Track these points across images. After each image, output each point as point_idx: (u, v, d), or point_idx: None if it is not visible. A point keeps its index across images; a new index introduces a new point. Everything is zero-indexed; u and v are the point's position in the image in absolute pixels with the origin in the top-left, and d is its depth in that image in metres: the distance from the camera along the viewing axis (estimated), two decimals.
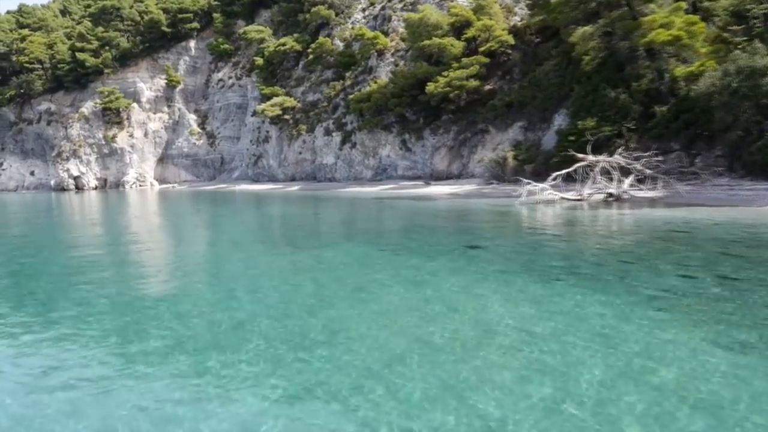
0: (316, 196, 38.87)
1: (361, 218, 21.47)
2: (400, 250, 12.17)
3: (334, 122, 50.57)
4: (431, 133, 42.15)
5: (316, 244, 14.24)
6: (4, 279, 10.80)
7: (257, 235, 17.74)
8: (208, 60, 78.25)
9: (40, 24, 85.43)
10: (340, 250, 12.59)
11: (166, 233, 19.30)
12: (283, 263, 11.50)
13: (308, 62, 60.12)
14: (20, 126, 79.91)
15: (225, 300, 8.42)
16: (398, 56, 47.81)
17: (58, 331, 7.07)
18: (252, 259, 11.91)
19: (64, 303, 8.55)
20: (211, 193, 55.88)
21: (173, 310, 7.80)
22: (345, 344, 6.17)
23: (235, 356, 5.85)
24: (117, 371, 5.65)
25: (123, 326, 7.11)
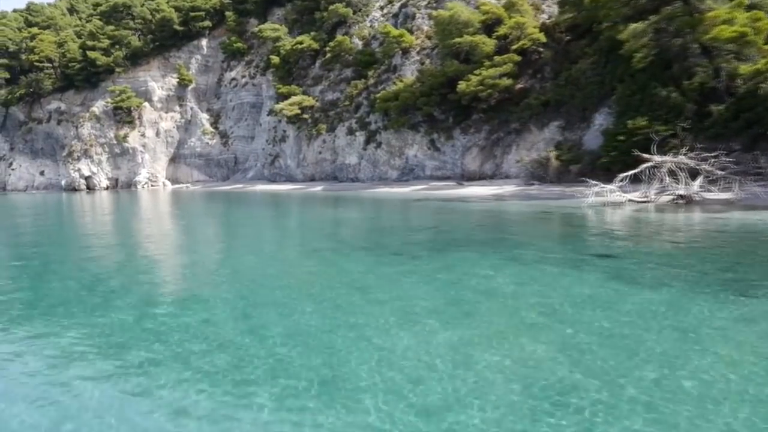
0: (348, 197, 37.54)
1: (429, 222, 20.06)
2: (531, 262, 10.95)
3: (357, 121, 49.30)
4: (461, 133, 40.97)
5: (424, 251, 12.96)
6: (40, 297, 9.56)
7: (350, 242, 15.53)
8: (220, 59, 76.73)
9: (48, 22, 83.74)
10: (470, 261, 11.33)
11: (225, 244, 17.67)
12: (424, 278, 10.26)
13: (326, 61, 58.80)
14: (30, 125, 78.21)
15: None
16: (424, 54, 46.58)
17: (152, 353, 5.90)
18: (389, 277, 10.55)
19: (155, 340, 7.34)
20: (229, 193, 54.46)
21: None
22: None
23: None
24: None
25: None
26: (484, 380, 5.19)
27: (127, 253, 13.90)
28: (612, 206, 21.38)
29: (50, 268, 12.61)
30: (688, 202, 20.86)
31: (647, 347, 5.84)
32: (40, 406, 5.21)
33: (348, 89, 52.30)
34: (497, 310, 7.54)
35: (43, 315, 8.44)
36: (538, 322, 6.87)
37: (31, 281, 11.18)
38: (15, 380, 5.83)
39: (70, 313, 8.40)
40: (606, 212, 20.13)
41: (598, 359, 5.58)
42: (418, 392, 5.02)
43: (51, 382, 5.78)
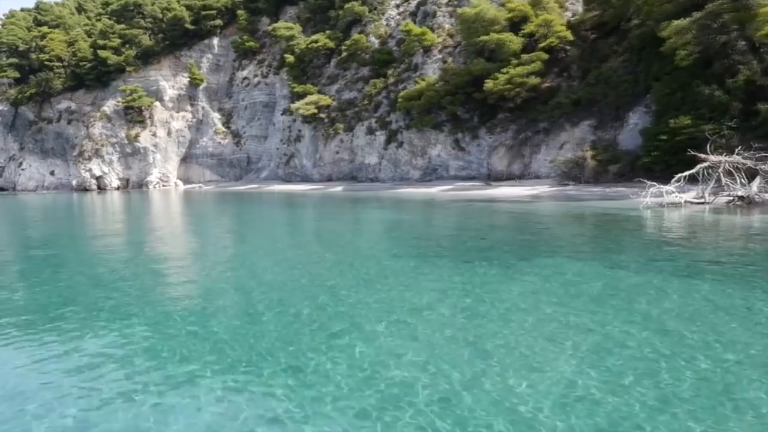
0: (374, 197, 36.64)
1: (484, 224, 19.12)
2: (642, 270, 10.09)
3: (377, 121, 48.45)
4: (487, 132, 40.13)
5: (511, 257, 12.09)
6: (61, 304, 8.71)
7: (421, 247, 13.88)
8: (232, 58, 75.81)
9: (57, 21, 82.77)
10: (562, 268, 10.47)
11: (280, 255, 16.10)
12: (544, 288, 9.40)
13: (341, 60, 57.95)
14: (40, 125, 77.21)
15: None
16: (446, 53, 45.71)
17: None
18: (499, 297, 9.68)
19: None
20: (245, 193, 53.53)
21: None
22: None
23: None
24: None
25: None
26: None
27: (153, 268, 12.89)
28: (670, 208, 20.53)
29: (77, 272, 11.79)
30: (749, 204, 20.04)
31: None
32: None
33: (366, 88, 51.43)
34: (660, 328, 6.69)
35: (87, 320, 7.90)
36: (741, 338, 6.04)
37: (61, 286, 10.54)
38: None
39: (98, 319, 7.92)
40: (669, 214, 19.28)
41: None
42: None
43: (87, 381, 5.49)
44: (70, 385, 5.62)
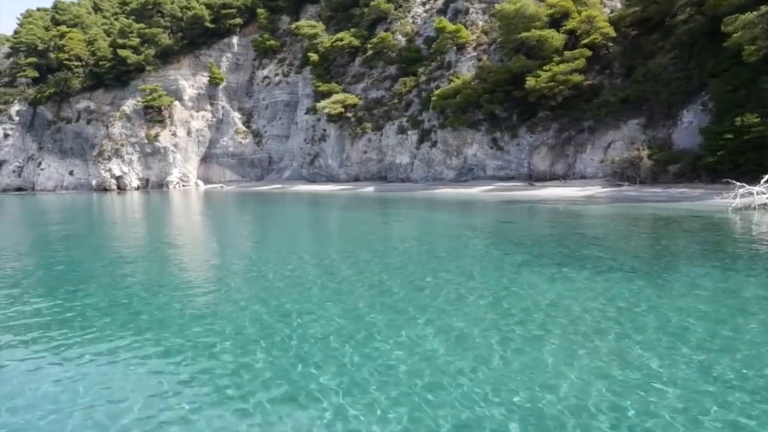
0: (412, 198, 35.48)
1: (558, 228, 18.07)
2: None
3: (408, 120, 47.28)
4: (528, 131, 38.92)
5: (627, 265, 10.96)
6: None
7: (522, 253, 12.74)
8: (251, 57, 74.80)
9: (75, 21, 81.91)
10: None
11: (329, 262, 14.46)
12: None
13: (367, 58, 56.78)
14: (59, 125, 76.37)
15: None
16: (481, 50, 44.48)
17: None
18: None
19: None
20: (269, 194, 52.42)
21: None
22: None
23: None
24: None
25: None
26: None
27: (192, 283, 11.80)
28: (761, 210, 19.33)
29: (112, 280, 10.73)
30: None
31: None
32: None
33: (396, 87, 50.26)
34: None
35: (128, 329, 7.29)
36: None
37: (100, 292, 9.87)
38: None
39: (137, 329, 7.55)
40: (764, 217, 18.08)
41: None
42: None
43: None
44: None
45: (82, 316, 8.52)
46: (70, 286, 10.99)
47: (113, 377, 6.11)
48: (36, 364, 6.64)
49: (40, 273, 12.81)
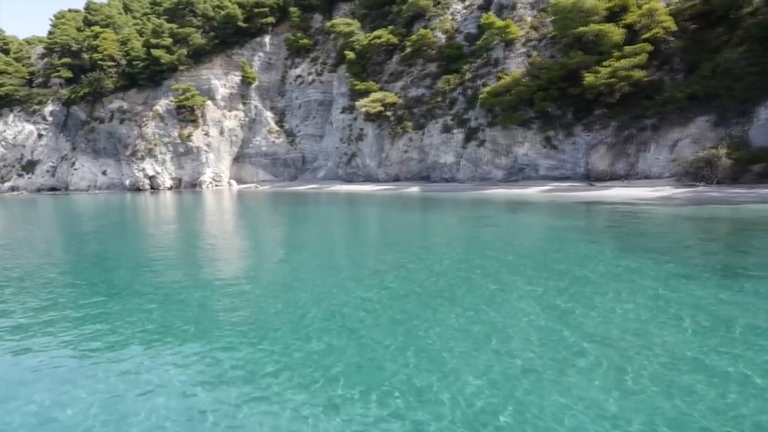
0: (469, 199, 34.21)
1: (688, 233, 16.62)
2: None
3: (453, 118, 46.01)
4: (584, 130, 37.44)
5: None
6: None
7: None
8: (283, 56, 74.04)
9: (107, 21, 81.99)
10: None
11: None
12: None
13: (406, 56, 55.62)
14: (92, 125, 76.42)
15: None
16: (530, 46, 43.04)
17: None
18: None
19: None
20: (307, 194, 51.48)
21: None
22: None
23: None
24: None
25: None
26: None
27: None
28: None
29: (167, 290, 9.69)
30: None
31: None
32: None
33: (439, 84, 48.99)
34: None
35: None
36: None
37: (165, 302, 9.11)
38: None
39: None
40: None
41: None
42: None
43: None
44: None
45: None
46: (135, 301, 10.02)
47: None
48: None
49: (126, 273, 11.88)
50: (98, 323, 8.78)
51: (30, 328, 8.67)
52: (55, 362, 7.12)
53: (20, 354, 7.48)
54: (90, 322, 8.87)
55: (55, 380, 6.56)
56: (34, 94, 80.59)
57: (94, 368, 6.82)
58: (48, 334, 8.28)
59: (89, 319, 9.00)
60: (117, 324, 8.65)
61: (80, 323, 8.85)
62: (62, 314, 9.49)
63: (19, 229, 27.19)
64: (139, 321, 8.77)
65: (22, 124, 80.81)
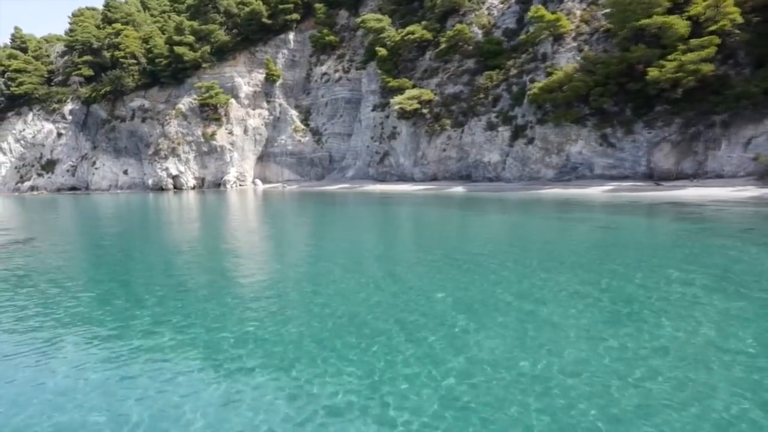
0: (525, 199, 32.38)
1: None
2: None
3: (498, 115, 44.15)
4: (645, 127, 35.55)
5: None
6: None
7: None
8: (308, 53, 72.19)
9: (127, 19, 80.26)
10: None
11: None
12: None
13: (441, 52, 53.80)
14: (113, 123, 74.70)
15: None
16: (581, 40, 41.14)
17: None
18: None
19: None
20: (339, 194, 49.58)
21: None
22: None
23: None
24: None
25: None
26: None
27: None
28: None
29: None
30: None
31: None
32: None
33: (481, 81, 47.09)
34: None
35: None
36: None
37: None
38: None
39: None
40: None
41: None
42: None
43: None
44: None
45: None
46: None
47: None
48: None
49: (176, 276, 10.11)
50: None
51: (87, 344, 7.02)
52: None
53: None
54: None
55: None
56: (54, 93, 78.99)
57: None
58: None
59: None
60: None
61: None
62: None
63: (49, 231, 25.48)
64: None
65: (41, 123, 79.25)
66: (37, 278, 12.74)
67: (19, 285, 12.08)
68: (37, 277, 12.85)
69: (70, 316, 9.43)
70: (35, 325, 8.95)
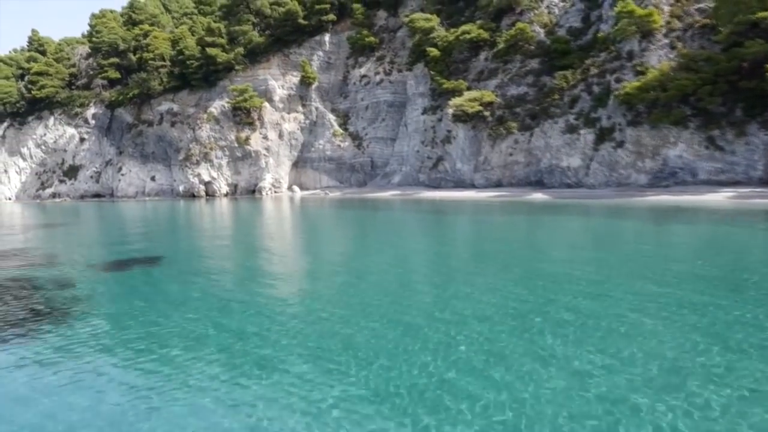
0: (658, 208, 28.84)
1: None
2: None
3: (578, 117, 40.74)
4: (761, 128, 32.21)
5: None
6: None
7: None
8: (344, 55, 68.57)
9: (152, 20, 76.34)
10: None
11: None
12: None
13: (499, 52, 50.45)
14: (140, 128, 70.56)
15: None
16: (673, 37, 37.84)
17: None
18: None
19: None
20: (394, 202, 45.70)
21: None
22: None
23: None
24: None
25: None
26: None
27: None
28: None
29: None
30: None
31: None
32: None
33: (554, 81, 43.68)
34: None
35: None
36: None
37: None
38: None
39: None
40: None
41: None
42: None
43: None
44: None
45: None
46: None
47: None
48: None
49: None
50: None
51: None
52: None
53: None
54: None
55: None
56: (76, 96, 74.86)
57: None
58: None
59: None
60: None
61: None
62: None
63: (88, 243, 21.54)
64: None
65: (63, 127, 75.01)
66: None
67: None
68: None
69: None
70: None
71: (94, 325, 9.73)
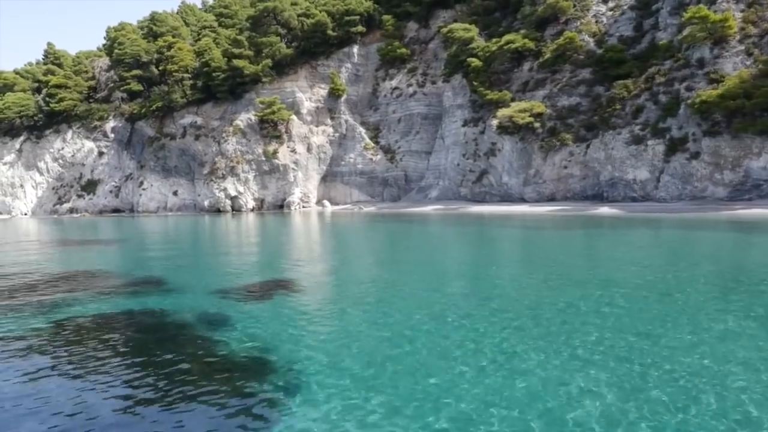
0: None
1: None
2: None
3: (644, 128, 38.36)
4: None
5: None
6: None
7: None
8: (372, 67, 66.46)
9: (173, 32, 74.03)
10: None
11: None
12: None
13: (546, 62, 48.31)
14: (162, 141, 67.77)
15: None
16: (749, 43, 35.68)
17: None
18: None
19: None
20: (447, 217, 42.49)
21: None
22: None
23: None
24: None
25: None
26: None
27: None
28: None
29: None
30: None
31: None
32: None
33: (614, 91, 41.40)
34: None
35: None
36: None
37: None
38: None
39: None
40: None
41: None
42: None
43: None
44: None
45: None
46: None
47: None
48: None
49: None
50: None
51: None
52: None
53: None
54: None
55: None
56: (95, 110, 72.14)
57: None
58: None
59: None
60: None
61: None
62: None
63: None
64: None
65: (81, 141, 72.11)
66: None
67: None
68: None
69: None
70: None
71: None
